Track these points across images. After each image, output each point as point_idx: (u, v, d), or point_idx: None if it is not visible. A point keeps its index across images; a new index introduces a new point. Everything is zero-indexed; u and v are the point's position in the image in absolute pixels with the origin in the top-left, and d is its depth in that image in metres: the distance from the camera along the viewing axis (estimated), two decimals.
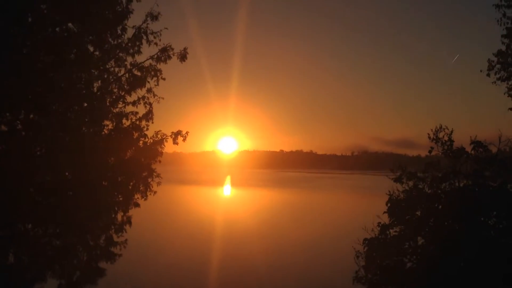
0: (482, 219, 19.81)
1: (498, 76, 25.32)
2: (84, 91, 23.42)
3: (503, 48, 25.38)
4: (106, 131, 24.72)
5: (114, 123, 25.00)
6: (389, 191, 21.52)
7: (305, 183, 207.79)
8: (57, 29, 22.22)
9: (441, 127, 22.28)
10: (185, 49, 26.06)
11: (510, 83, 24.97)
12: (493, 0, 25.97)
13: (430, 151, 22.06)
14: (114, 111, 25.29)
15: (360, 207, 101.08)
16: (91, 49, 23.99)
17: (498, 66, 25.35)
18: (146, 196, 25.61)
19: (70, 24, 22.51)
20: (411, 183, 21.52)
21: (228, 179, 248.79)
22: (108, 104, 25.02)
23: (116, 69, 25.81)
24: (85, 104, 23.49)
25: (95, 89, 24.53)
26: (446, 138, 22.11)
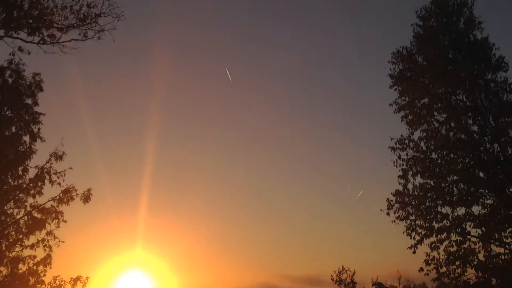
0: None
1: (397, 215, 26.37)
2: None
3: (400, 188, 26.67)
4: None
5: (9, 269, 23.82)
6: None
7: None
8: None
9: (343, 268, 22.63)
10: (89, 190, 25.76)
11: (408, 222, 25.97)
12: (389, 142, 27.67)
13: None
14: (10, 255, 24.17)
15: None
16: None
17: (396, 205, 26.47)
18: None
19: None
20: None
21: None
22: (3, 248, 23.95)
23: (15, 211, 25.01)
24: None
25: None
26: (348, 279, 22.43)
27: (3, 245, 24.06)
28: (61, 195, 25.43)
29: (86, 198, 25.66)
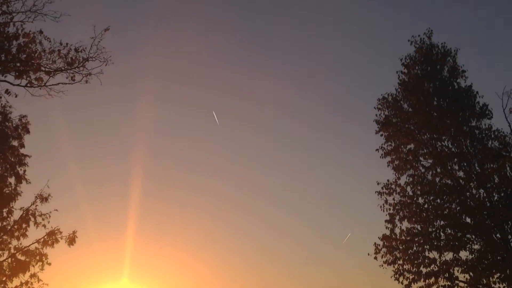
0: None
1: (384, 259, 26.37)
2: None
3: (387, 232, 26.75)
4: None
5: None
6: None
7: None
8: None
9: None
10: (74, 232, 25.52)
11: (396, 266, 25.96)
12: (376, 187, 27.86)
13: None
14: None
15: None
16: None
17: (384, 249, 26.49)
18: None
19: None
20: None
21: None
22: None
23: None
24: None
25: None
26: None
27: None
28: (45, 237, 25.15)
29: (71, 240, 25.37)
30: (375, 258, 26.69)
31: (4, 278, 24.29)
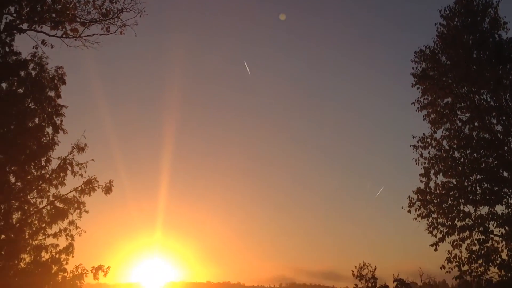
0: None
1: (418, 213, 26.26)
2: (1, 223, 22.63)
3: (422, 186, 26.58)
4: (23, 265, 23.67)
5: (33, 257, 24.00)
6: None
7: None
8: None
9: (364, 264, 22.53)
10: (110, 181, 25.87)
11: (429, 220, 25.85)
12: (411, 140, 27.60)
13: None
14: (33, 243, 24.36)
15: None
16: (13, 179, 23.52)
17: (418, 203, 26.36)
18: None
19: None
20: None
21: None
22: (27, 236, 24.12)
23: (38, 201, 25.15)
24: (2, 236, 22.59)
25: (14, 221, 23.71)
26: (370, 275, 22.33)
27: (27, 233, 24.23)
28: (83, 186, 25.53)
29: (108, 189, 25.75)
30: (409, 211, 26.62)
31: (43, 225, 24.89)
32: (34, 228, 24.63)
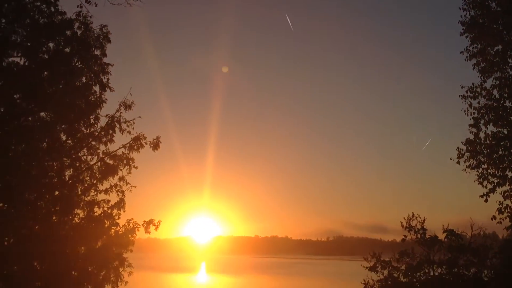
0: None
1: (467, 164, 25.85)
2: (55, 180, 23.29)
3: (471, 137, 26.08)
4: (77, 220, 24.49)
5: (86, 212, 24.78)
6: (364, 281, 21.28)
7: (279, 270, 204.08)
8: (30, 118, 22.32)
9: (413, 215, 22.38)
10: (157, 138, 26.31)
11: (479, 171, 25.44)
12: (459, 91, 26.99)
13: (403, 239, 22.07)
14: (86, 199, 25.15)
15: None
16: (63, 137, 24.13)
17: (467, 154, 25.92)
18: (117, 286, 24.98)
19: (42, 113, 22.70)
20: (385, 272, 21.35)
21: (203, 265, 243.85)
22: (79, 192, 24.86)
23: (88, 158, 25.91)
24: (56, 193, 23.26)
25: (66, 178, 24.46)
26: (419, 226, 22.19)
27: (79, 190, 24.98)
28: (131, 142, 26.03)
29: (156, 145, 26.22)
30: (458, 162, 26.25)
31: (95, 181, 25.58)
32: (86, 185, 25.37)
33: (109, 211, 25.30)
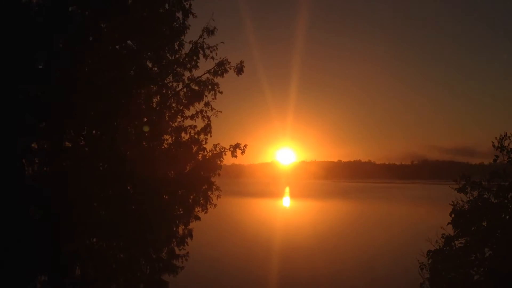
0: None
1: None
2: (143, 106, 23.82)
3: None
4: (165, 145, 25.12)
5: (174, 137, 25.36)
6: (453, 202, 20.91)
7: (364, 194, 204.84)
8: (117, 46, 22.72)
9: (506, 135, 21.53)
10: (241, 62, 26.09)
11: None
12: None
13: (495, 160, 21.37)
14: (173, 125, 25.64)
15: (423, 218, 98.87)
16: (150, 65, 24.40)
17: None
18: (206, 209, 25.71)
19: (129, 42, 23.04)
20: (475, 193, 20.86)
21: (287, 190, 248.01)
22: (167, 118, 25.37)
23: (174, 84, 26.10)
24: (145, 119, 23.87)
25: (154, 104, 24.90)
26: (511, 146, 21.37)
27: (167, 116, 25.46)
28: (215, 67, 26.06)
29: (239, 70, 26.06)
30: None
31: (181, 107, 25.98)
32: (173, 111, 25.80)
33: (196, 136, 25.70)
